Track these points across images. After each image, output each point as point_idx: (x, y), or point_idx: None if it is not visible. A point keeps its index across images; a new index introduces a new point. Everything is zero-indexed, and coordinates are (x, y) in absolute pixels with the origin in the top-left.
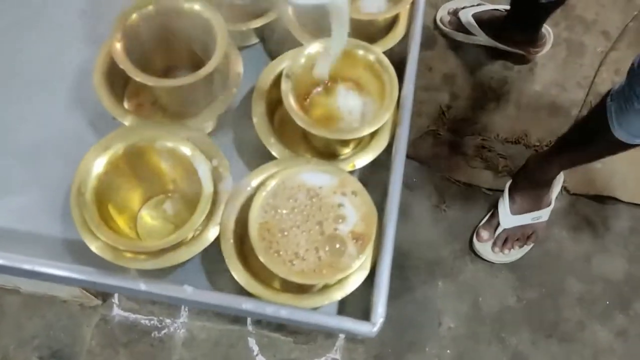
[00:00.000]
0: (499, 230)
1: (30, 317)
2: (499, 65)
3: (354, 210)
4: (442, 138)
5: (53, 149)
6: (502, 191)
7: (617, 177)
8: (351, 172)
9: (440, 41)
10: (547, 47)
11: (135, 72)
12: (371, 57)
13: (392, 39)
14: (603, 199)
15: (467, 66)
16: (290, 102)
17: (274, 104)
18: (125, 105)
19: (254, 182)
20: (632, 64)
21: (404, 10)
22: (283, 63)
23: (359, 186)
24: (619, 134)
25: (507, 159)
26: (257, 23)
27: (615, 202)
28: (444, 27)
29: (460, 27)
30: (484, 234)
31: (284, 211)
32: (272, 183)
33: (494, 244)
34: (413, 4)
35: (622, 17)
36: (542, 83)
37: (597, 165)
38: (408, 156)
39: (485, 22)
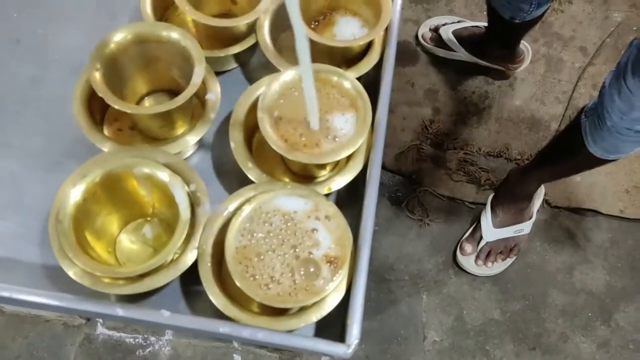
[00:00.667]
0: (482, 243)
1: (14, 337)
2: (480, 80)
3: (328, 234)
4: (425, 152)
5: (32, 175)
6: (485, 205)
7: (596, 190)
8: (327, 195)
9: (422, 57)
10: (526, 63)
11: (113, 100)
12: (346, 84)
13: (367, 64)
14: (583, 212)
15: (449, 81)
16: (267, 128)
17: (252, 129)
18: (105, 130)
19: (232, 207)
20: (604, 83)
21: (378, 36)
22: (260, 89)
23: (332, 210)
24: (594, 150)
25: (489, 173)
26: (236, 49)
27: (595, 215)
28: (425, 44)
29: (441, 43)
30: (467, 247)
31: (260, 235)
32: (248, 208)
33: (477, 257)
34: (387, 30)
35: (599, 33)
36: (522, 98)
37: (577, 178)
38: (391, 171)
39: (465, 38)
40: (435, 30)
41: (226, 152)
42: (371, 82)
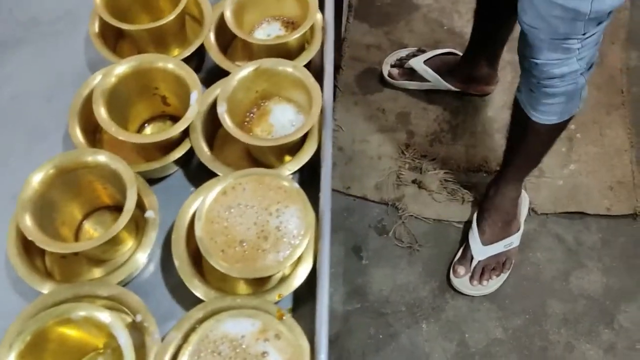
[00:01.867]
0: (474, 263)
1: None
2: (449, 96)
3: (279, 355)
4: (405, 177)
5: None
6: (472, 222)
7: (580, 191)
8: (277, 302)
9: (388, 83)
10: (497, 84)
11: (46, 243)
12: (284, 183)
13: (307, 154)
14: (571, 215)
15: (418, 102)
16: (227, 122)
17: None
18: (47, 260)
19: (180, 335)
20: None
21: (314, 126)
22: (197, 200)
23: (281, 328)
24: (536, 117)
25: (472, 189)
26: (172, 157)
27: (582, 216)
28: (394, 81)
29: (412, 76)
30: (460, 269)
31: None
32: (195, 338)
33: (471, 277)
34: (322, 114)
35: None
36: (494, 108)
37: (559, 182)
38: (374, 201)
39: (440, 66)
40: (401, 65)
41: (173, 268)
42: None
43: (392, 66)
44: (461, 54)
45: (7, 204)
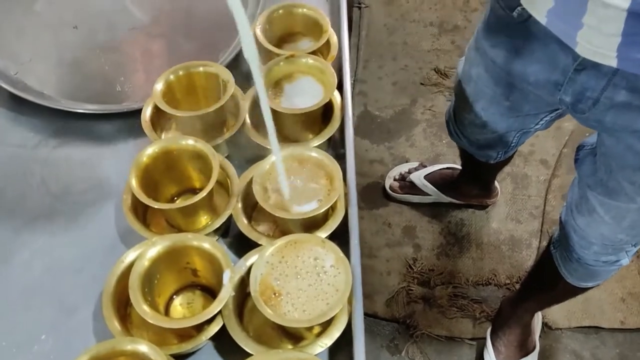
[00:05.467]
0: None
1: None
2: (453, 208)
3: None
4: (414, 293)
5: None
6: (485, 339)
7: (592, 304)
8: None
9: (392, 197)
10: (499, 196)
11: None
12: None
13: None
14: (586, 330)
15: (423, 215)
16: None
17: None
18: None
19: None
20: (560, 218)
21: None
22: None
23: None
24: (571, 280)
25: (482, 304)
26: (208, 334)
27: (597, 330)
28: (397, 195)
29: (413, 190)
30: None
31: None
32: None
33: None
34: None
35: (556, 144)
36: (497, 219)
37: None
38: (384, 319)
39: (439, 181)
40: (403, 179)
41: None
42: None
43: (394, 180)
44: (459, 167)
45: None
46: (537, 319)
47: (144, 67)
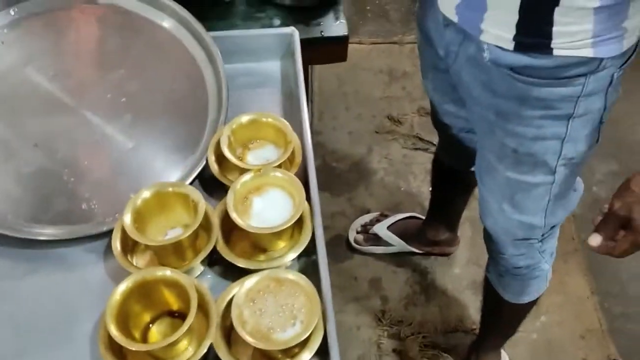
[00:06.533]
0: None
1: None
2: (416, 257)
3: None
4: (385, 347)
5: None
6: None
7: (554, 345)
8: None
9: (356, 249)
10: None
11: None
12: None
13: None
14: None
15: (388, 265)
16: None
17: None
18: None
19: None
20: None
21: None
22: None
23: None
24: (508, 297)
25: (451, 351)
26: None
27: None
28: (361, 247)
29: (377, 241)
30: None
31: None
32: None
33: None
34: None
35: None
36: (460, 265)
37: (533, 335)
38: None
39: (403, 231)
40: (365, 231)
41: None
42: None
43: (357, 232)
44: (421, 216)
45: None
46: None
47: (110, 182)
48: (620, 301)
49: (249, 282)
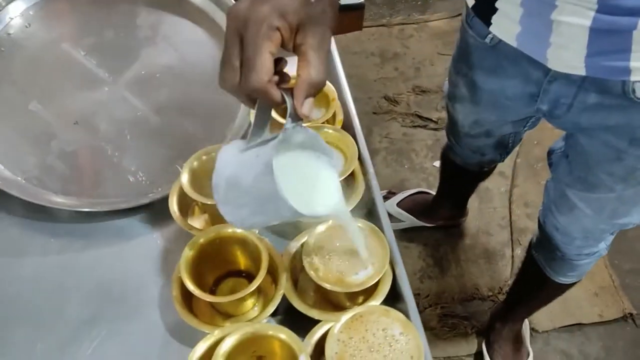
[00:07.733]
0: None
1: None
2: (426, 231)
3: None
4: None
5: None
6: (479, 353)
7: (570, 303)
8: None
9: None
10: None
11: None
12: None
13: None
14: (569, 328)
15: (400, 241)
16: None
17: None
18: None
19: None
20: (539, 219)
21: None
22: None
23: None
24: (557, 278)
25: (471, 319)
26: None
27: (580, 327)
28: None
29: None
30: None
31: None
32: None
33: None
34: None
35: (510, 156)
36: (470, 235)
37: None
38: None
39: (413, 207)
40: None
41: None
42: None
43: None
44: (429, 191)
45: None
46: (525, 325)
47: (154, 154)
48: (629, 258)
49: (319, 228)
